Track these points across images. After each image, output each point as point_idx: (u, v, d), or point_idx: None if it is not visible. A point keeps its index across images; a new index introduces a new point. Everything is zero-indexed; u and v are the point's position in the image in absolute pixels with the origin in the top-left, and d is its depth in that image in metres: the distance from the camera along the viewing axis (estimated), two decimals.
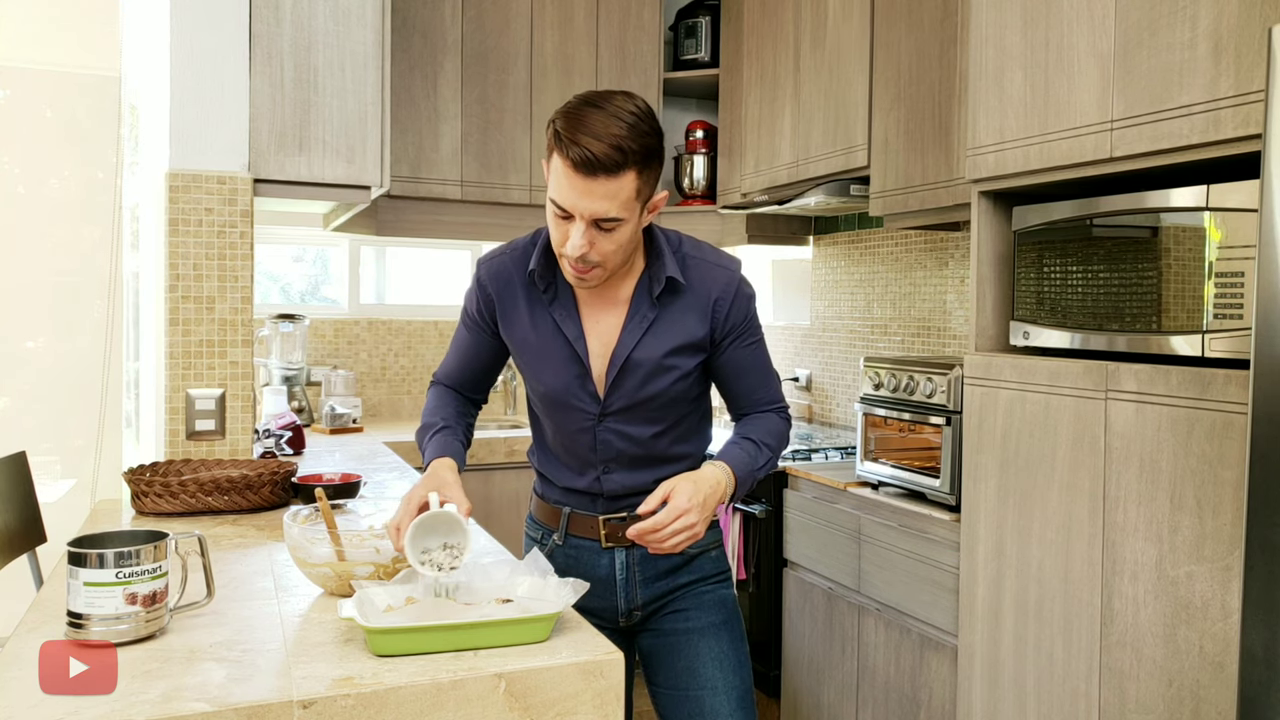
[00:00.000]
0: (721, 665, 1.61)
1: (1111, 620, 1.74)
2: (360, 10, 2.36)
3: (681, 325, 1.54)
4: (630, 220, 1.41)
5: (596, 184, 1.36)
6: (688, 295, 1.53)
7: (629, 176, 1.37)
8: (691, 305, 1.53)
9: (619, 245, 1.43)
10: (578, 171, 1.36)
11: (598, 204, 1.37)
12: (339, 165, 2.35)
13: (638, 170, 1.38)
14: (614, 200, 1.37)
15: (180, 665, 1.12)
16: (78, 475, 3.33)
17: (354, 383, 3.45)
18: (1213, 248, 1.59)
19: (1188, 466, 1.60)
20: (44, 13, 3.33)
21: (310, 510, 1.52)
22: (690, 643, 1.62)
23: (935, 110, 2.50)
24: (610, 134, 1.35)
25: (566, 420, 1.60)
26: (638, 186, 1.39)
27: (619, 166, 1.35)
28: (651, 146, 1.39)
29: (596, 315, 1.56)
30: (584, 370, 1.55)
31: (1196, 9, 1.58)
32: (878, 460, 2.43)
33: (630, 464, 1.61)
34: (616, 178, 1.36)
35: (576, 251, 1.41)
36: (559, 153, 1.38)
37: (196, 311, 2.22)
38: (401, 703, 1.07)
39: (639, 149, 1.37)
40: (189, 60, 2.22)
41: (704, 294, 1.53)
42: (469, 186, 3.34)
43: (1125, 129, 1.71)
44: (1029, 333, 1.97)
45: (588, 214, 1.38)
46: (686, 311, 1.54)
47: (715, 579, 1.68)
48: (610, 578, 1.63)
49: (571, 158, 1.35)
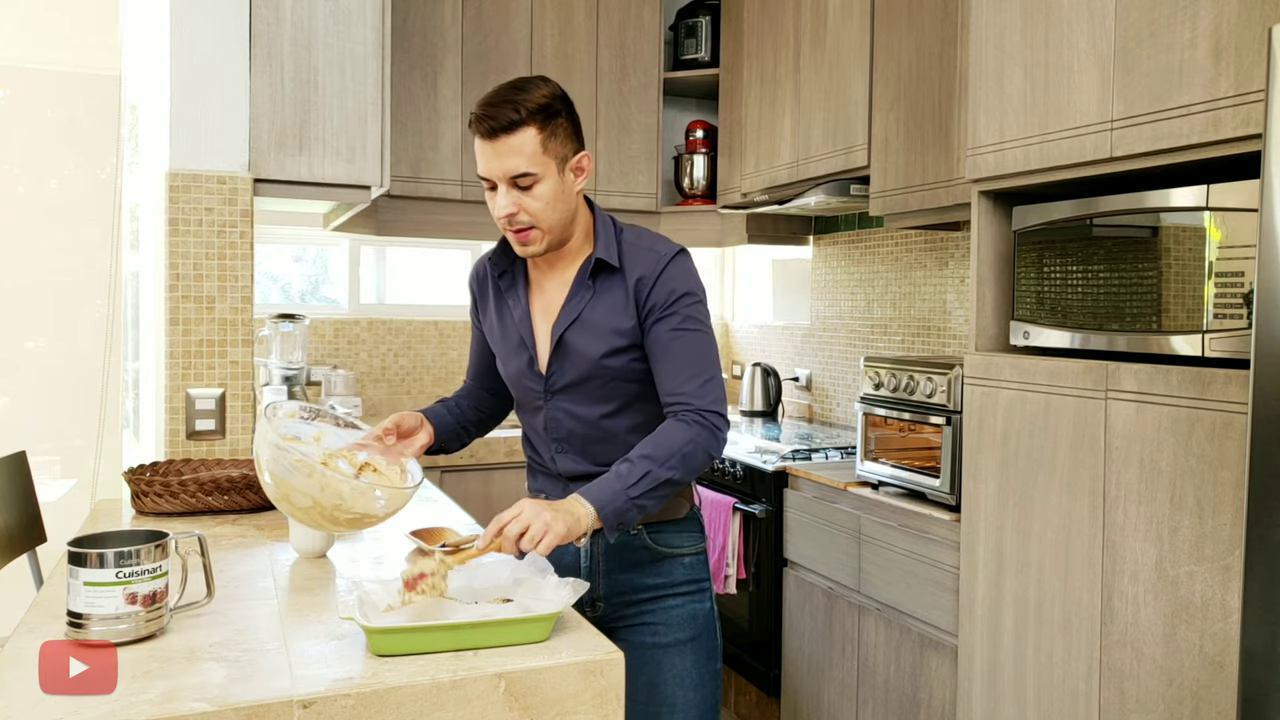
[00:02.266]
0: (682, 683, 1.62)
1: (1111, 620, 1.74)
2: (360, 10, 2.36)
3: (614, 304, 1.59)
4: (547, 176, 1.52)
5: (500, 144, 1.50)
6: (620, 277, 1.60)
7: (529, 133, 1.50)
8: (623, 285, 1.60)
9: (545, 203, 1.53)
10: (485, 138, 1.51)
11: (506, 161, 1.50)
12: (339, 165, 2.35)
13: (538, 126, 1.50)
14: (520, 155, 1.50)
15: (180, 665, 1.12)
16: (78, 475, 3.33)
17: (354, 383, 3.45)
18: (1213, 247, 1.59)
19: (1188, 466, 1.60)
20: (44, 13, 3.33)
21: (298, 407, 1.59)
22: (654, 658, 1.63)
23: (935, 110, 2.50)
24: (503, 99, 1.50)
25: (523, 400, 1.70)
26: (541, 140, 1.51)
27: (515, 124, 1.49)
28: (548, 106, 1.52)
29: (546, 298, 1.66)
30: (530, 348, 1.64)
31: (1196, 9, 1.58)
32: (878, 460, 2.43)
33: (583, 445, 1.64)
34: (515, 133, 1.49)
35: (503, 211, 1.53)
36: (473, 130, 1.53)
37: (197, 311, 2.22)
38: (401, 702, 1.07)
39: (534, 107, 1.50)
40: (189, 60, 2.22)
41: (632, 275, 1.60)
42: (469, 186, 3.34)
43: (1125, 129, 1.70)
44: (1029, 332, 1.97)
45: (500, 173, 1.51)
46: (618, 291, 1.60)
47: (687, 589, 1.66)
48: (575, 565, 1.65)
49: (478, 129, 1.52)
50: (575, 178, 1.57)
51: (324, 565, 1.58)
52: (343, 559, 1.62)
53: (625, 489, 1.43)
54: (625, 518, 1.44)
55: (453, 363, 3.80)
